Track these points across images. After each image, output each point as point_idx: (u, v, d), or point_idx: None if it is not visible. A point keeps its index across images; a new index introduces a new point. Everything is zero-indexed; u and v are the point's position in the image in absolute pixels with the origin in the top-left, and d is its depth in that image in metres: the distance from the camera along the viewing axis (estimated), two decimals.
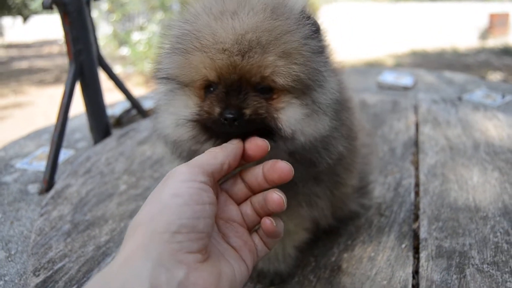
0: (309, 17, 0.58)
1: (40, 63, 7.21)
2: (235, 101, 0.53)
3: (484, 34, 7.82)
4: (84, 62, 1.22)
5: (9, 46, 9.42)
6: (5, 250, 0.96)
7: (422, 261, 0.79)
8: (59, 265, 0.83)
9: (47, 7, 1.08)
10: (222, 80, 0.54)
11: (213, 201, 0.48)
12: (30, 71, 6.62)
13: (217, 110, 0.54)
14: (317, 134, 0.58)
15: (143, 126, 1.51)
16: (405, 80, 1.88)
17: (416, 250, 0.83)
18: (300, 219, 0.71)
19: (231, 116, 0.52)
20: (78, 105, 1.40)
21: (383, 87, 1.85)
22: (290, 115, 0.55)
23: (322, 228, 0.80)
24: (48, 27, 9.66)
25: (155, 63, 0.64)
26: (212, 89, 0.56)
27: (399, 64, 6.10)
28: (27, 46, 9.29)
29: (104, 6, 5.51)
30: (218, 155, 0.51)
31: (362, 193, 0.90)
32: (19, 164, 1.40)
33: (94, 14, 5.75)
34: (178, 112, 0.59)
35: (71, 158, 1.39)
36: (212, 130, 0.56)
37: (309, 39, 0.56)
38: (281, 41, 0.53)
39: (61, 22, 1.14)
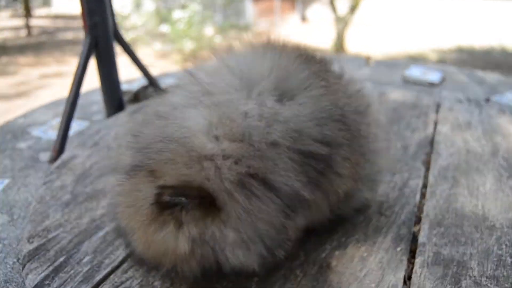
0: None
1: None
2: None
3: None
4: (99, 36, 1.22)
5: (56, 17, 9.63)
6: (9, 214, 0.99)
7: (417, 267, 0.75)
8: (53, 234, 0.84)
9: None
10: None
11: None
12: (74, 42, 6.76)
13: None
14: None
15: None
16: (432, 76, 1.79)
17: (412, 255, 0.79)
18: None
19: None
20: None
21: (408, 82, 1.78)
22: None
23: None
24: None
25: None
26: None
27: (443, 60, 5.88)
28: (73, 18, 9.48)
29: None
30: None
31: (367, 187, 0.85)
32: (35, 131, 1.43)
33: None
34: None
35: (85, 129, 1.41)
36: None
37: None
38: None
39: None
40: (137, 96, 1.70)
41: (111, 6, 1.25)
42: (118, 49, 1.33)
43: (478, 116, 1.34)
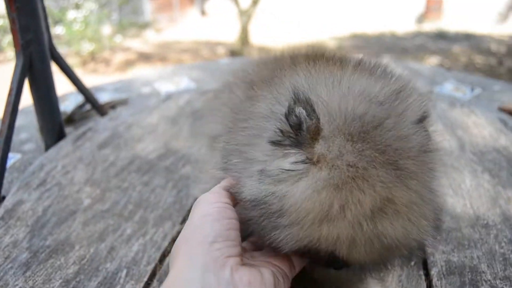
0: None
1: None
2: None
3: (420, 19, 8.18)
4: (34, 54, 1.04)
5: None
6: None
7: (435, 279, 0.74)
8: None
9: None
10: None
11: (237, 216, 0.51)
12: None
13: None
14: None
15: (102, 125, 1.34)
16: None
17: (425, 266, 0.77)
18: None
19: None
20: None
21: None
22: None
23: None
24: None
25: None
26: None
27: (341, 47, 6.20)
28: None
29: None
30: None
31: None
32: None
33: None
34: None
35: (18, 163, 1.20)
36: None
37: None
38: None
39: (6, 8, 0.95)
40: (72, 117, 1.51)
41: (46, 20, 1.07)
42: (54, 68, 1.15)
43: (433, 111, 1.39)
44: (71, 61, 5.37)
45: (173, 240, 0.85)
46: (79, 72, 5.05)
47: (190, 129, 1.34)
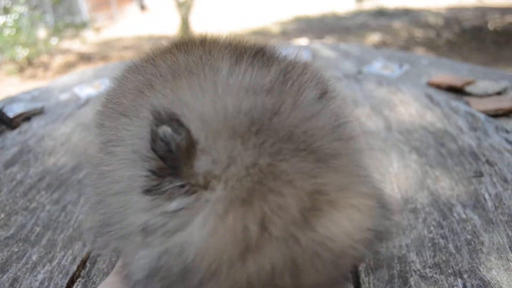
0: None
1: None
2: None
3: None
4: None
5: None
6: None
7: (362, 275, 0.68)
8: None
9: None
10: None
11: None
12: None
13: None
14: None
15: (10, 140, 1.19)
16: (303, 56, 1.79)
17: None
18: None
19: None
20: None
21: None
22: None
23: None
24: None
25: None
26: None
27: (285, 32, 6.22)
28: None
29: None
30: None
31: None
32: None
33: None
34: None
35: None
36: None
37: None
38: None
39: None
40: None
41: None
42: None
43: (360, 92, 1.36)
44: (6, 68, 5.01)
45: (83, 262, 0.75)
46: (16, 80, 4.69)
47: None
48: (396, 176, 0.93)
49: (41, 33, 5.68)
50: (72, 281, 0.72)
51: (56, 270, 0.74)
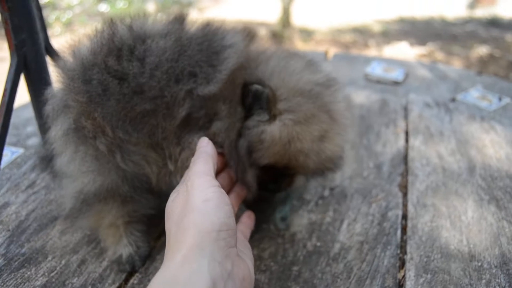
0: None
1: None
2: None
3: (473, 4, 7.70)
4: (28, 54, 1.03)
5: None
6: None
7: None
8: None
9: None
10: None
11: (230, 202, 0.59)
12: None
13: None
14: None
15: None
16: (395, 73, 1.73)
17: None
18: None
19: None
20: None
21: (371, 80, 1.70)
22: None
23: None
24: None
25: None
26: None
27: (386, 32, 5.95)
28: None
29: None
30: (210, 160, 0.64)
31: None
32: None
33: None
34: None
35: (20, 159, 1.22)
36: None
37: None
38: None
39: None
40: None
41: (42, 20, 1.06)
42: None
43: (449, 124, 1.29)
44: None
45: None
46: None
47: None
48: (468, 227, 0.89)
49: (150, 7, 6.10)
50: (130, 275, 0.80)
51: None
